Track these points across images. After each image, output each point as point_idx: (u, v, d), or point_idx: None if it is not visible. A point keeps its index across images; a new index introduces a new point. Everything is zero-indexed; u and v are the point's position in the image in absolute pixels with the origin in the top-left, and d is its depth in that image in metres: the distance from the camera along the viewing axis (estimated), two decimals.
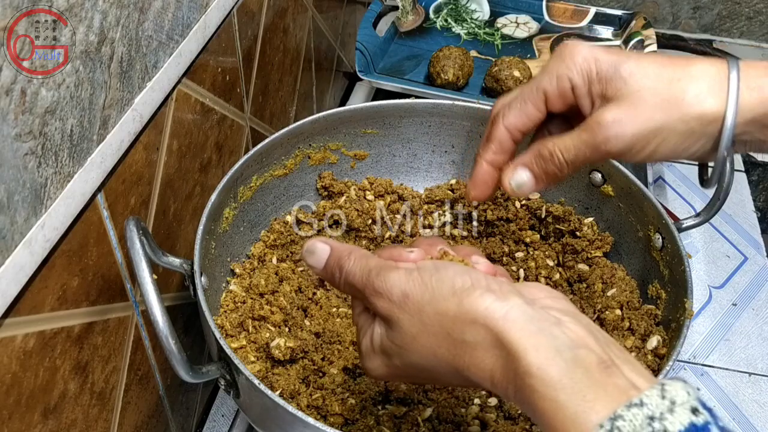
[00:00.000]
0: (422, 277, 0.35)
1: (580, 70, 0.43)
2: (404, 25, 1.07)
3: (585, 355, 0.31)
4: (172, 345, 0.42)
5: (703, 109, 0.40)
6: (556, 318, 0.33)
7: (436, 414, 0.53)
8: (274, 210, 0.69)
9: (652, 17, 1.33)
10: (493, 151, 0.46)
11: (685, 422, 0.28)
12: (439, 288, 0.34)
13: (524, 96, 0.45)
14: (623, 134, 0.41)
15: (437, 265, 0.36)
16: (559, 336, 0.32)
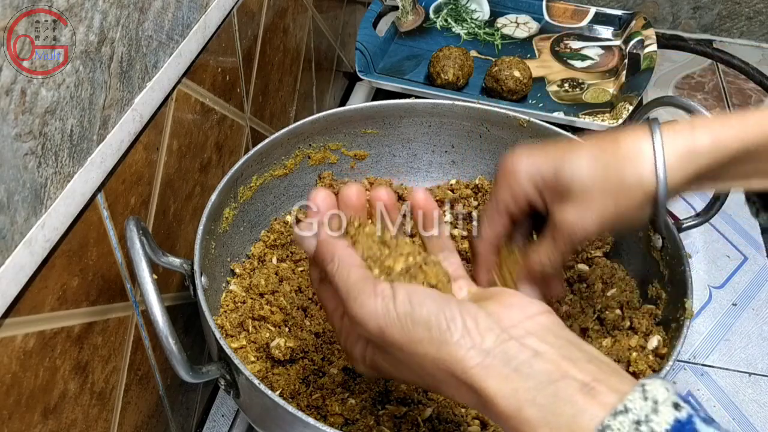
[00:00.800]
0: (398, 314, 0.35)
1: (527, 185, 0.47)
2: (404, 25, 1.07)
3: (565, 387, 0.31)
4: (172, 345, 0.42)
5: (643, 186, 0.44)
6: (533, 350, 0.33)
7: (436, 414, 0.53)
8: (274, 210, 0.69)
9: (652, 17, 1.33)
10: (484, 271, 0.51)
11: (670, 420, 0.29)
12: (415, 330, 0.34)
13: (491, 218, 0.50)
14: (589, 228, 0.46)
15: (412, 301, 0.35)
16: (537, 374, 0.32)
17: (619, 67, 1.00)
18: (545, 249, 0.48)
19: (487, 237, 0.50)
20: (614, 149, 0.45)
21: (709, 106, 1.20)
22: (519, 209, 0.49)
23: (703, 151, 0.43)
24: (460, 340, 0.34)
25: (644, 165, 0.43)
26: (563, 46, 1.06)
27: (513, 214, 0.49)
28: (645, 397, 0.30)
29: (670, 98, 0.62)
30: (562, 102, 0.94)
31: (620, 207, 0.44)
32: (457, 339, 0.34)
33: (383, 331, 0.35)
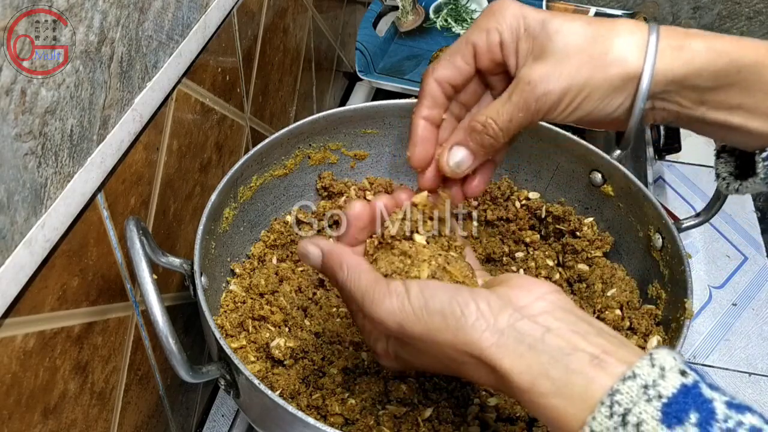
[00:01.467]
0: (414, 308, 0.37)
1: (509, 25, 0.43)
2: (404, 25, 1.07)
3: (577, 360, 0.33)
4: (172, 345, 0.42)
5: (625, 65, 0.40)
6: (545, 327, 0.35)
7: (436, 414, 0.53)
8: (274, 210, 0.69)
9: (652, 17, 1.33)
10: (426, 107, 0.45)
11: (676, 384, 0.30)
12: (431, 320, 0.36)
13: (453, 50, 0.44)
14: (551, 91, 0.41)
15: (425, 295, 0.37)
16: (549, 349, 0.34)
17: None
18: (496, 104, 0.43)
19: (440, 73, 0.44)
20: (611, 24, 0.42)
21: None
22: (486, 51, 0.43)
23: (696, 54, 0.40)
24: (475, 323, 0.35)
25: (634, 45, 0.40)
26: None
27: (477, 54, 0.43)
28: (653, 364, 0.31)
29: None
30: None
31: (593, 79, 0.41)
32: (472, 322, 0.35)
33: (402, 326, 0.37)
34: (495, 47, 0.43)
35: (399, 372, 0.55)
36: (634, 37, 0.41)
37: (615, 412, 0.30)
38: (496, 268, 0.69)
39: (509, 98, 0.42)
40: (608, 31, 0.41)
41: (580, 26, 0.41)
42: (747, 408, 0.30)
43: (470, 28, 0.44)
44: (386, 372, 0.56)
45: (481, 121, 0.43)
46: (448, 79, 0.44)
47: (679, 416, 0.29)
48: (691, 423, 0.29)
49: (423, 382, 0.56)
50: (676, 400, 0.30)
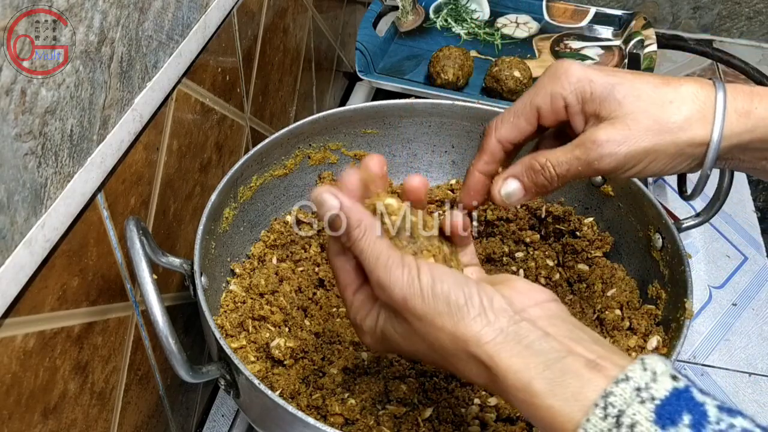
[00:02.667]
0: (422, 286, 0.37)
1: (574, 89, 0.44)
2: (404, 25, 1.07)
3: (572, 362, 0.33)
4: (172, 345, 0.42)
5: (693, 133, 0.42)
6: (543, 331, 0.35)
7: (436, 414, 0.53)
8: (274, 210, 0.69)
9: (652, 17, 1.33)
10: (485, 162, 0.48)
11: (668, 387, 0.31)
12: (435, 304, 0.36)
13: (517, 111, 0.46)
14: (616, 153, 0.43)
15: (434, 276, 0.37)
16: (546, 351, 0.34)
17: (619, 67, 1.00)
18: (558, 152, 0.44)
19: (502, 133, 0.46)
20: (676, 85, 0.43)
21: None
22: (550, 113, 0.45)
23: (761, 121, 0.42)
24: (476, 317, 0.36)
25: (700, 112, 0.42)
26: (563, 46, 1.06)
27: (541, 116, 0.45)
28: (644, 368, 0.32)
29: None
30: None
31: (660, 145, 0.42)
32: (473, 316, 0.36)
33: (406, 301, 0.37)
34: (560, 110, 0.45)
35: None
36: (699, 102, 0.42)
37: (609, 414, 0.31)
38: (496, 268, 0.69)
39: (572, 150, 0.44)
40: (675, 94, 0.42)
41: (647, 90, 0.43)
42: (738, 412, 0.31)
43: (534, 89, 0.45)
44: (386, 371, 0.56)
45: (541, 163, 0.45)
46: (510, 140, 0.47)
47: (673, 417, 0.30)
48: (684, 424, 0.30)
49: (423, 382, 0.56)
50: (669, 402, 0.30)
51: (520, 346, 0.35)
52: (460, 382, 0.56)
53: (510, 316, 0.36)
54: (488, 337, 0.35)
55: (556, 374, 0.33)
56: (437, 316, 0.36)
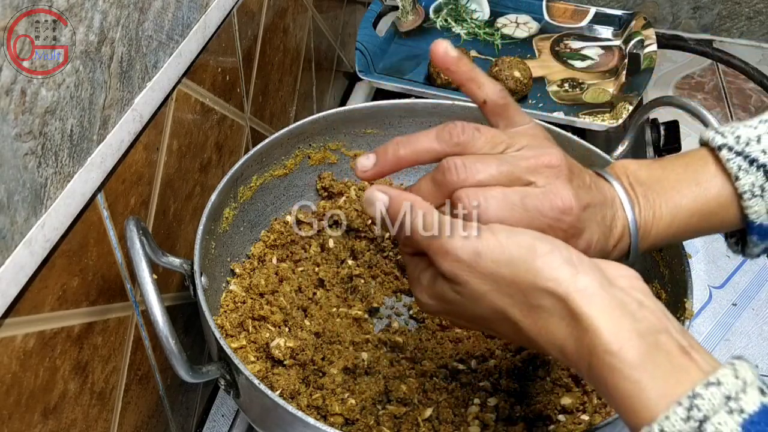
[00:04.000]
0: (498, 237, 0.35)
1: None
2: (404, 25, 1.07)
3: (666, 341, 0.31)
4: (172, 345, 0.42)
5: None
6: (638, 300, 0.33)
7: (436, 414, 0.53)
8: (274, 210, 0.69)
9: (652, 17, 1.33)
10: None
11: (757, 402, 0.29)
12: (518, 252, 0.34)
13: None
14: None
15: (509, 228, 0.35)
16: (641, 319, 0.32)
17: (619, 67, 1.00)
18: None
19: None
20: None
21: (709, 106, 1.20)
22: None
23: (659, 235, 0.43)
24: (563, 264, 0.33)
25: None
26: (563, 46, 1.06)
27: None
28: (736, 375, 0.30)
29: (670, 98, 0.62)
30: (562, 102, 0.94)
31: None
32: (560, 263, 0.33)
33: (479, 255, 0.34)
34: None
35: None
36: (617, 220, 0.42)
37: (692, 417, 0.29)
38: None
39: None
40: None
41: None
42: None
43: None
44: (386, 371, 0.56)
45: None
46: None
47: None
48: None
49: (423, 382, 0.56)
50: (758, 420, 0.28)
51: (614, 303, 0.32)
52: (460, 382, 0.56)
53: (601, 277, 0.33)
54: (579, 284, 0.32)
55: (650, 347, 0.31)
56: (521, 263, 0.34)
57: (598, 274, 0.33)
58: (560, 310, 0.33)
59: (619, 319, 0.32)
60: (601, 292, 0.32)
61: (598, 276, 0.33)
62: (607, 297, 0.32)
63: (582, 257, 0.34)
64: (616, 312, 0.32)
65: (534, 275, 0.33)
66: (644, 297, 0.33)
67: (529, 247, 0.34)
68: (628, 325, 0.31)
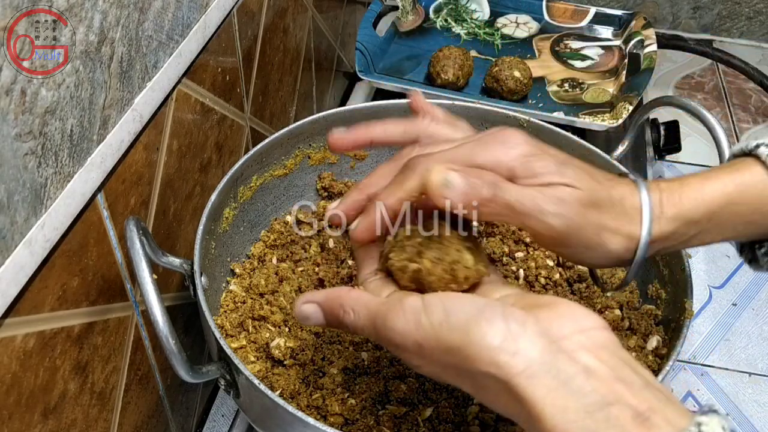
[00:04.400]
0: (432, 324, 0.33)
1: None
2: (404, 25, 1.07)
3: (618, 413, 0.29)
4: (172, 345, 0.42)
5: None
6: (585, 367, 0.30)
7: (436, 414, 0.53)
8: (274, 210, 0.69)
9: (652, 17, 1.34)
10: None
11: None
12: (452, 338, 0.32)
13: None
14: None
15: (447, 306, 0.33)
16: (588, 393, 0.29)
17: (619, 67, 1.00)
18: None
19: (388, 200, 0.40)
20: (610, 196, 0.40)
21: (709, 106, 1.20)
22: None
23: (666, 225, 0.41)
24: (502, 344, 0.31)
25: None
26: (563, 46, 1.06)
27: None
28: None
29: (670, 98, 0.62)
30: (562, 102, 0.94)
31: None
32: (499, 343, 0.31)
33: (421, 346, 0.33)
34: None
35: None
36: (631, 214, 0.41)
37: None
38: (496, 268, 0.68)
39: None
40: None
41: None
42: None
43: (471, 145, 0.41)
44: (386, 371, 0.56)
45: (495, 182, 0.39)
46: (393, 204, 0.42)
47: None
48: None
49: (423, 382, 0.56)
50: None
51: (557, 381, 0.30)
52: None
53: (543, 346, 0.31)
54: (518, 367, 0.30)
55: (599, 425, 0.28)
56: (457, 351, 0.32)
57: (541, 344, 0.31)
58: (506, 392, 0.31)
59: (564, 400, 0.29)
60: (542, 371, 0.30)
61: (540, 346, 0.31)
62: (550, 374, 0.30)
63: (526, 321, 0.32)
64: (560, 391, 0.29)
65: (473, 362, 0.31)
66: (595, 359, 0.31)
67: (463, 332, 0.32)
68: (573, 404, 0.29)
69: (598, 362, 0.30)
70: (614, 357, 0.31)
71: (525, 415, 0.30)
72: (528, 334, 0.31)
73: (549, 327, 0.32)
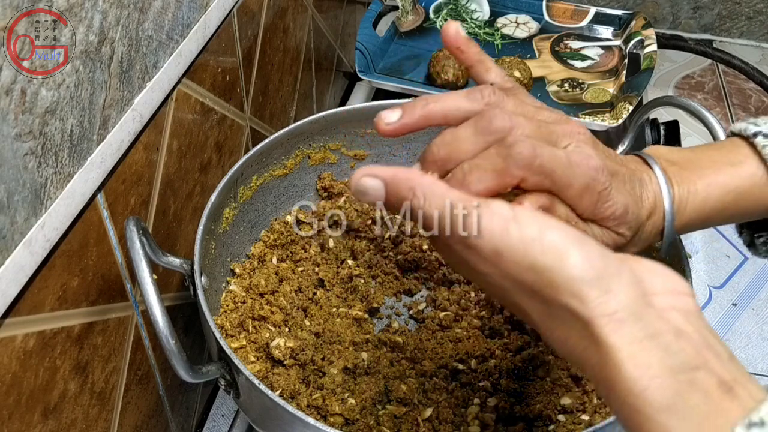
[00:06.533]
0: (523, 234, 0.29)
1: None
2: (404, 25, 1.07)
3: (704, 378, 0.27)
4: (172, 345, 0.42)
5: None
6: (676, 328, 0.28)
7: (436, 414, 0.53)
8: (274, 210, 0.69)
9: (652, 17, 1.34)
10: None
11: None
12: (542, 258, 0.29)
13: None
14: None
15: (540, 223, 0.30)
16: (676, 352, 0.28)
17: (619, 67, 1.00)
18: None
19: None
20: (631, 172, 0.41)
21: (709, 105, 1.20)
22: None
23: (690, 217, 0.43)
24: (595, 281, 0.28)
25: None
26: (563, 46, 1.06)
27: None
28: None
29: (670, 98, 0.62)
30: (562, 102, 0.94)
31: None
32: (592, 278, 0.28)
33: (501, 255, 0.30)
34: None
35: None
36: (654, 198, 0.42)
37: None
38: None
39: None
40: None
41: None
42: None
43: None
44: (386, 371, 0.56)
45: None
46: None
47: None
48: None
49: (423, 382, 0.56)
50: None
51: (644, 333, 0.28)
52: (460, 382, 0.56)
53: (636, 296, 0.29)
54: (607, 309, 0.28)
55: (682, 386, 0.27)
56: (542, 273, 0.29)
57: (634, 292, 0.29)
58: (580, 330, 0.29)
59: (649, 354, 0.27)
60: (631, 319, 0.28)
61: (633, 295, 0.29)
62: (638, 325, 0.28)
63: (622, 266, 0.29)
64: (645, 344, 0.28)
65: (556, 289, 0.29)
66: (685, 321, 0.29)
67: (556, 254, 0.29)
68: (658, 361, 0.27)
69: (689, 325, 0.29)
70: (702, 323, 0.30)
71: (599, 360, 0.28)
72: (623, 279, 0.29)
73: (642, 279, 0.30)
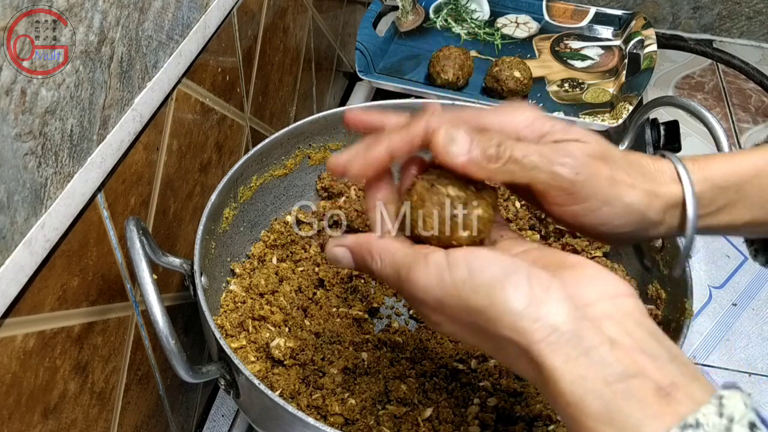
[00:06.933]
0: (454, 281, 0.32)
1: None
2: (404, 25, 1.07)
3: (639, 386, 0.28)
4: (172, 345, 0.42)
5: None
6: (609, 337, 0.29)
7: (436, 414, 0.53)
8: (274, 210, 0.69)
9: (652, 17, 1.34)
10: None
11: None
12: (475, 299, 0.31)
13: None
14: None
15: (471, 266, 0.32)
16: (611, 363, 0.28)
17: (619, 67, 1.00)
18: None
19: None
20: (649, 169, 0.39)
21: (709, 106, 1.20)
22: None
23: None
24: (525, 310, 0.30)
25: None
26: (563, 46, 1.06)
27: None
28: (720, 412, 0.26)
29: (670, 98, 0.62)
30: (562, 102, 0.94)
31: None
32: (522, 309, 0.30)
33: (442, 303, 0.33)
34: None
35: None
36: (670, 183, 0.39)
37: None
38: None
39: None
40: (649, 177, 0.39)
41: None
42: None
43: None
44: (386, 372, 0.56)
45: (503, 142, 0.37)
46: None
47: None
48: None
49: (423, 382, 0.56)
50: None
51: (578, 351, 0.29)
52: (460, 382, 0.56)
53: (568, 312, 0.30)
54: (539, 335, 0.29)
55: (617, 396, 0.28)
56: (479, 313, 0.31)
57: (565, 309, 0.30)
58: (524, 357, 0.31)
59: (584, 368, 0.29)
60: (564, 339, 0.29)
61: (565, 312, 0.30)
62: (571, 343, 0.29)
63: (551, 285, 0.31)
64: (581, 361, 0.29)
65: (494, 324, 0.31)
66: (620, 330, 0.30)
67: (485, 292, 0.31)
68: (593, 373, 0.28)
69: (623, 333, 0.30)
70: (640, 327, 0.30)
71: (542, 380, 0.30)
72: (552, 300, 0.30)
73: (574, 291, 0.31)
